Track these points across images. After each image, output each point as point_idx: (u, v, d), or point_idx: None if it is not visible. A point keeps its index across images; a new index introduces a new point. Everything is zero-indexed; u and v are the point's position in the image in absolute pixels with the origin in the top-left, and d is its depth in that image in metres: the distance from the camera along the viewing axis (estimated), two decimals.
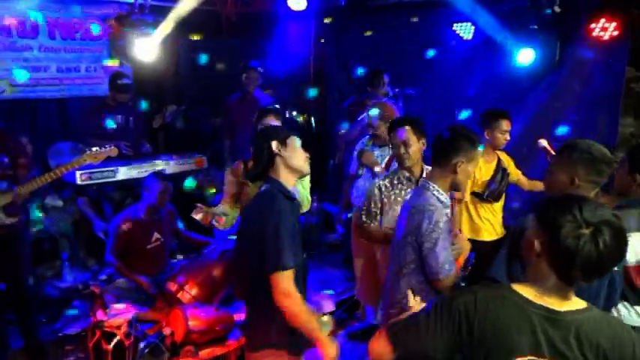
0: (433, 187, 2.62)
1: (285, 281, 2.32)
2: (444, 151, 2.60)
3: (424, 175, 3.31)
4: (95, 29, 5.78)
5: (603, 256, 1.47)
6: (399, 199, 3.33)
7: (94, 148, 3.96)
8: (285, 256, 2.31)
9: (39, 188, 3.77)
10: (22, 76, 5.34)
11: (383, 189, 3.37)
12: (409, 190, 3.29)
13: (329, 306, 4.59)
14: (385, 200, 3.36)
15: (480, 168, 3.99)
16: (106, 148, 4.00)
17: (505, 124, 3.92)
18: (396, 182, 3.38)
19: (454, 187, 2.67)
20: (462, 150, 2.56)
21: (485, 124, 3.98)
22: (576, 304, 1.59)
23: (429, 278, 2.58)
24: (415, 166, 3.36)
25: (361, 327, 4.37)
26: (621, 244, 1.51)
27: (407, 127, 3.29)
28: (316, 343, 2.39)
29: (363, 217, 3.45)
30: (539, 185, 3.94)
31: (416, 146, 3.30)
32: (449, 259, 2.56)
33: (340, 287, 4.97)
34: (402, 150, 3.29)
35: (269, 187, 2.50)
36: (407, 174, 3.37)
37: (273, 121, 3.61)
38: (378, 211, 3.39)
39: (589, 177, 2.30)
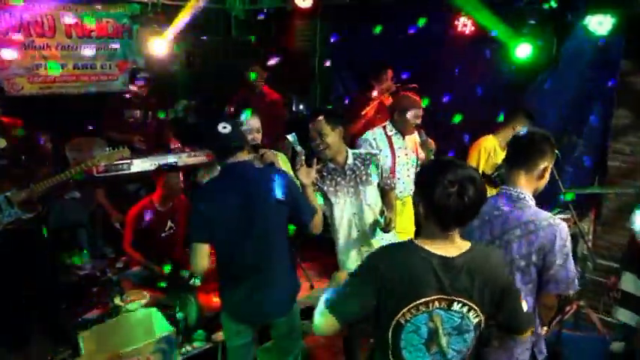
0: (529, 196, 2.40)
1: None
2: (531, 156, 2.41)
3: (349, 161, 3.37)
4: (110, 28, 5.94)
5: (469, 205, 1.81)
6: (337, 187, 3.35)
7: (107, 149, 4.13)
8: None
9: (54, 186, 3.88)
10: (54, 69, 5.51)
11: (317, 181, 3.32)
12: (339, 179, 3.35)
13: None
14: (329, 187, 3.37)
15: (495, 150, 4.24)
16: (119, 148, 4.16)
17: (527, 122, 4.17)
18: (325, 174, 3.38)
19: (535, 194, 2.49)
20: (547, 153, 2.43)
21: (511, 118, 4.31)
22: (462, 246, 1.93)
23: (557, 294, 2.39)
24: (338, 155, 3.36)
25: None
26: (481, 193, 1.84)
27: (320, 118, 3.28)
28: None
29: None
30: None
31: (332, 136, 3.27)
32: (575, 273, 2.37)
33: None
34: (318, 141, 3.28)
35: None
36: (332, 165, 3.37)
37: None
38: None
39: None
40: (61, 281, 4.74)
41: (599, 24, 4.26)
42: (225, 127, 2.71)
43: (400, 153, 4.07)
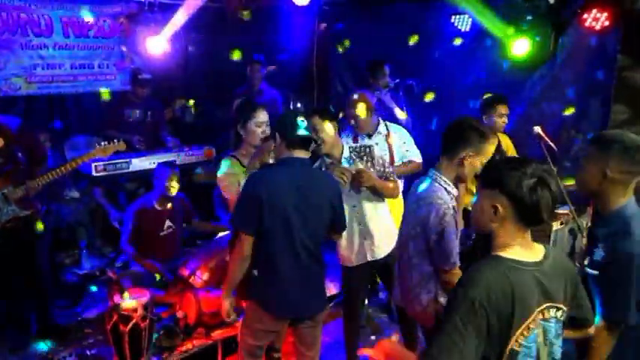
0: (440, 177, 2.61)
1: None
2: (453, 143, 2.59)
3: (345, 154, 3.38)
4: (107, 27, 5.93)
5: (555, 197, 1.71)
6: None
7: (102, 143, 4.13)
8: None
9: (52, 181, 3.89)
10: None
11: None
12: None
13: (333, 289, 4.74)
14: None
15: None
16: (114, 142, 4.15)
17: (502, 109, 4.16)
18: (323, 169, 3.39)
19: (459, 180, 2.68)
20: (470, 143, 2.55)
21: (483, 109, 4.23)
22: (540, 250, 1.82)
23: (437, 268, 2.61)
24: (334, 150, 3.38)
25: None
26: (559, 185, 1.80)
27: (314, 115, 3.29)
28: None
29: None
30: None
31: (326, 131, 3.30)
32: (455, 252, 2.55)
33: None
34: (314, 137, 3.27)
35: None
36: (328, 160, 3.39)
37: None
38: None
39: (622, 167, 2.17)
40: (60, 280, 4.75)
41: (596, 19, 4.28)
42: (303, 120, 2.75)
43: None
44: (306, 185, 2.76)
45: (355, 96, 4.02)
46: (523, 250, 1.76)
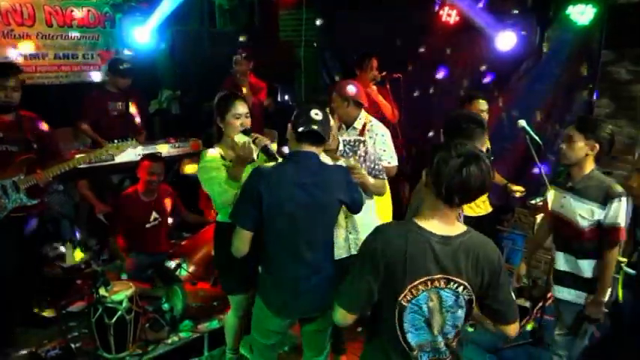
0: None
1: None
2: (458, 138, 2.49)
3: (340, 147, 3.37)
4: (91, 17, 5.86)
5: (468, 179, 1.85)
6: None
7: (115, 141, 4.09)
8: None
9: (60, 173, 3.88)
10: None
11: None
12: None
13: None
14: None
15: None
16: (127, 141, 4.12)
17: (481, 104, 4.16)
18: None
19: None
20: (474, 134, 2.62)
21: (463, 104, 4.24)
22: (461, 227, 2.00)
23: None
24: (332, 142, 3.34)
25: None
26: (484, 171, 1.87)
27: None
28: None
29: None
30: (498, 179, 4.17)
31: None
32: None
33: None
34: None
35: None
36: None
37: None
38: None
39: None
40: (45, 273, 4.72)
41: (581, 14, 4.32)
42: (317, 114, 2.66)
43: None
44: (311, 182, 2.66)
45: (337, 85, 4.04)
46: (440, 224, 1.95)
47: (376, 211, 3.65)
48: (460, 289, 1.96)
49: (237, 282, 3.26)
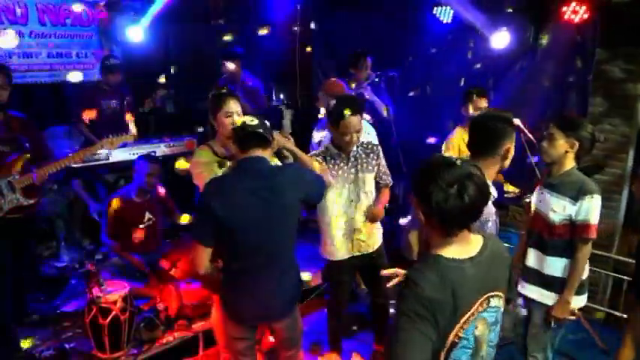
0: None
1: None
2: (493, 140, 2.50)
3: (354, 148, 3.39)
4: (85, 15, 5.82)
5: (469, 205, 1.71)
6: (333, 172, 3.35)
7: (110, 135, 4.06)
8: None
9: (56, 171, 3.87)
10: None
11: (319, 161, 3.33)
12: (342, 164, 3.37)
13: (315, 280, 4.77)
14: None
15: (464, 141, 4.30)
16: (122, 134, 4.11)
17: (482, 101, 4.24)
18: (328, 158, 3.39)
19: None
20: (507, 134, 2.51)
21: (463, 101, 4.32)
22: (478, 242, 1.86)
23: None
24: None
25: None
26: (483, 191, 1.74)
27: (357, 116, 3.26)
28: None
29: None
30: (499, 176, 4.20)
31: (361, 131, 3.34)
32: None
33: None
34: (355, 138, 3.31)
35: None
36: (336, 150, 3.39)
37: None
38: None
39: None
40: (38, 273, 4.70)
41: (575, 13, 4.33)
42: (252, 120, 2.62)
43: None
44: (264, 187, 2.61)
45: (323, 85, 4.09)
46: (459, 247, 1.81)
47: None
48: (496, 300, 1.86)
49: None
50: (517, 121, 4.01)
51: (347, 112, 3.20)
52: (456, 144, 4.40)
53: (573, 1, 4.29)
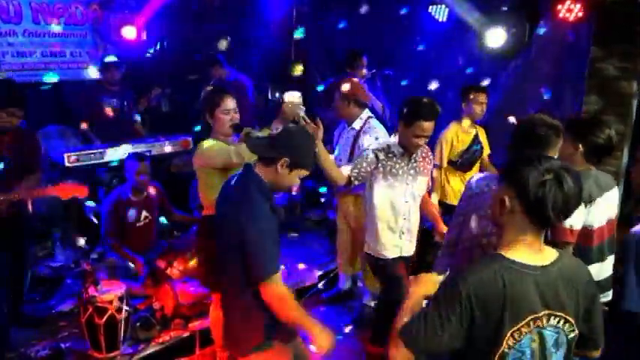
0: None
1: (277, 286, 2.31)
2: (535, 146, 2.36)
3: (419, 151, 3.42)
4: (79, 14, 5.81)
5: (569, 196, 1.64)
6: (393, 170, 3.37)
7: (61, 183, 3.60)
8: (272, 264, 2.30)
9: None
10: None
11: (381, 157, 3.36)
12: (403, 164, 3.38)
13: (312, 278, 4.78)
14: (381, 169, 3.37)
15: (458, 138, 4.36)
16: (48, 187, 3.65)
17: (481, 97, 4.34)
18: (390, 155, 3.39)
19: None
20: (552, 143, 2.40)
21: (463, 96, 4.40)
22: (551, 255, 1.77)
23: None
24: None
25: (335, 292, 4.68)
26: (579, 185, 1.67)
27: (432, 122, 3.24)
28: (310, 334, 2.32)
29: (354, 174, 3.35)
30: (492, 170, 4.24)
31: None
32: None
33: (322, 261, 5.17)
34: (423, 142, 3.32)
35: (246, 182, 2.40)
36: (401, 149, 3.39)
37: None
38: (367, 175, 3.39)
39: None
40: (34, 273, 4.68)
41: (570, 11, 4.35)
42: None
43: None
44: (225, 205, 2.48)
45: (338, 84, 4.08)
46: (529, 251, 1.72)
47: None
48: (561, 323, 1.73)
49: None
50: (513, 119, 4.06)
51: (425, 116, 3.20)
52: (450, 138, 4.42)
53: (568, 0, 4.31)
